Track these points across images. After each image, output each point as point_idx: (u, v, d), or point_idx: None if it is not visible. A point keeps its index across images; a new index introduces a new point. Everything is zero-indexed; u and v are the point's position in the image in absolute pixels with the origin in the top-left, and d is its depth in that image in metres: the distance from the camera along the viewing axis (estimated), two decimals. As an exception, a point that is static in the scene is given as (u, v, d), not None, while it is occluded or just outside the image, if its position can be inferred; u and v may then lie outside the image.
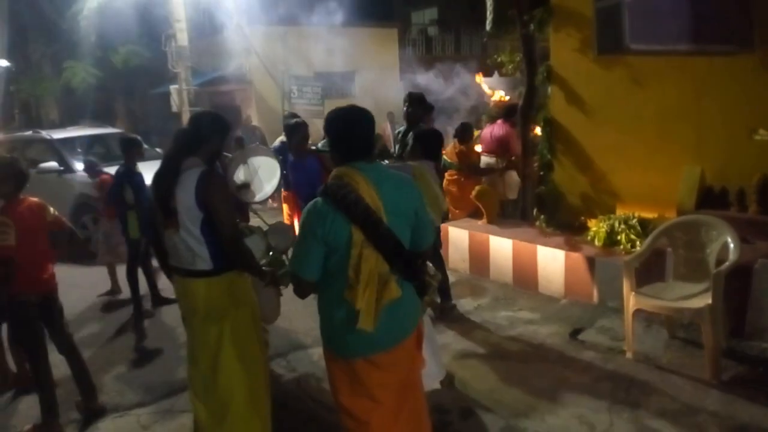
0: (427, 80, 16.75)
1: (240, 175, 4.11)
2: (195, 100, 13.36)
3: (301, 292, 2.36)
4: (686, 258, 4.23)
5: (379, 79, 17.33)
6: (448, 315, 5.00)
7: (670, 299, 3.98)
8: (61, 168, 8.43)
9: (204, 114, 3.17)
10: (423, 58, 19.69)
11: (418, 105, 5.17)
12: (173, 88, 13.08)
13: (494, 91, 10.24)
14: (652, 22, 3.71)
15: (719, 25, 4.07)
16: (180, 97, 12.94)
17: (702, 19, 3.92)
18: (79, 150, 9.00)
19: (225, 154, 3.96)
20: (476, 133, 7.90)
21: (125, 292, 5.93)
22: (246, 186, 4.09)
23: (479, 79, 11.13)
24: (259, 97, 15.83)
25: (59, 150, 8.76)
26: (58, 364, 3.82)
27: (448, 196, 6.52)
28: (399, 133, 5.51)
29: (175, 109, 13.19)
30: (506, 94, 9.92)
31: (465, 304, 5.37)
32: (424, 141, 4.09)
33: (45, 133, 9.52)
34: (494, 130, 7.04)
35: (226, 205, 2.87)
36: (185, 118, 12.78)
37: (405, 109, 5.20)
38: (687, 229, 4.24)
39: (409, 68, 18.44)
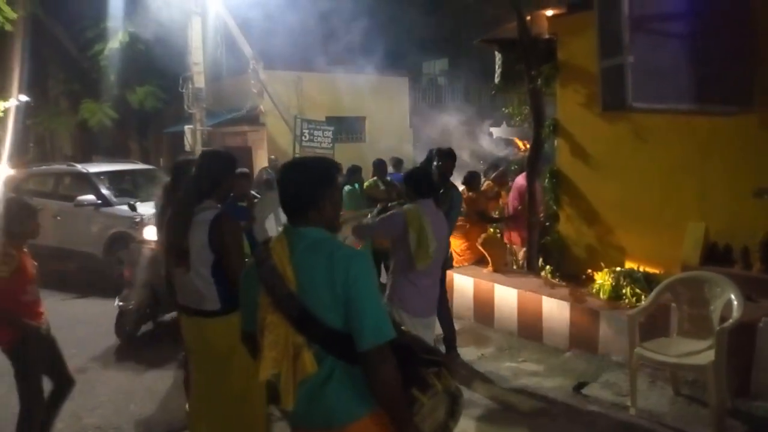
0: (438, 129, 17.06)
1: (272, 224, 4.21)
2: (208, 140, 13.62)
3: (243, 341, 2.25)
4: (690, 314, 4.24)
5: (389, 126, 17.65)
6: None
7: (674, 355, 3.97)
8: (99, 201, 8.48)
9: (212, 156, 3.23)
10: (433, 106, 20.07)
11: (447, 159, 5.28)
12: (188, 128, 13.35)
13: (524, 142, 10.36)
14: (654, 82, 3.81)
15: (720, 86, 4.17)
16: (194, 137, 13.19)
17: (703, 80, 4.02)
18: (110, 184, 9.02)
19: (254, 193, 4.04)
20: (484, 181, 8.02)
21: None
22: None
23: (495, 130, 11.26)
24: (271, 140, 16.11)
25: (95, 183, 8.78)
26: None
27: (455, 242, 6.58)
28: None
29: (188, 148, 13.43)
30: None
31: (469, 353, 5.36)
32: (410, 182, 3.98)
33: (80, 167, 9.56)
34: (518, 180, 7.09)
35: (237, 248, 2.94)
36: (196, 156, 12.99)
37: (435, 163, 5.31)
38: (691, 285, 4.26)
39: (419, 116, 18.80)
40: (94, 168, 9.54)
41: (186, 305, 3.04)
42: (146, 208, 7.26)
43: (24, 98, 23.27)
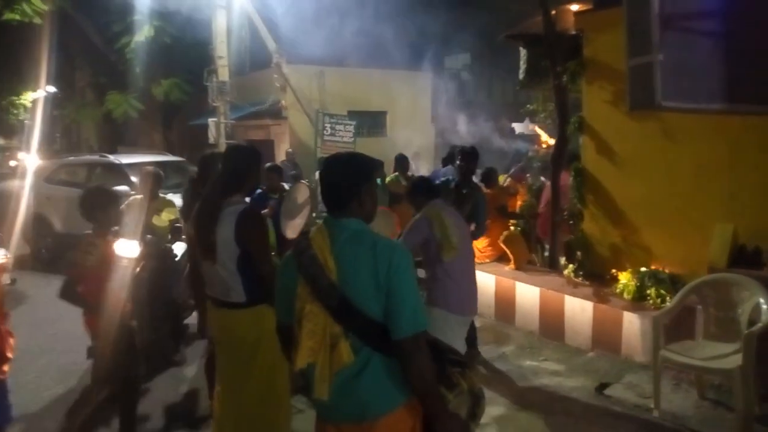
0: (460, 124, 16.98)
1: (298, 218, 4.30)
2: (231, 133, 13.75)
3: (277, 332, 2.28)
4: (717, 317, 4.17)
5: (411, 121, 17.61)
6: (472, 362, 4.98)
7: (700, 358, 3.92)
8: (132, 192, 8.60)
9: (238, 151, 3.27)
10: (455, 101, 19.98)
11: (470, 158, 5.29)
12: (212, 121, 13.48)
13: (549, 136, 10.27)
14: (684, 81, 3.74)
15: (753, 85, 4.08)
16: (218, 130, 13.33)
17: (735, 79, 3.93)
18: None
19: (283, 185, 4.12)
20: (501, 177, 7.98)
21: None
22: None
23: (517, 126, 11.13)
24: (293, 133, 16.19)
25: (128, 175, 8.83)
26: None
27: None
28: (445, 182, 5.59)
29: (212, 141, 13.57)
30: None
31: (489, 350, 5.34)
32: (414, 193, 4.17)
33: (113, 158, 9.71)
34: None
35: (263, 242, 2.99)
36: (222, 149, 13.13)
37: (458, 162, 5.32)
38: (718, 288, 4.20)
39: (441, 111, 18.74)
40: (125, 159, 9.65)
41: (213, 297, 3.11)
42: (176, 199, 7.35)
43: (52, 89, 23.73)
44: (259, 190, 5.11)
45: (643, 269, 5.37)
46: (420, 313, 2.02)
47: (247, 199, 3.19)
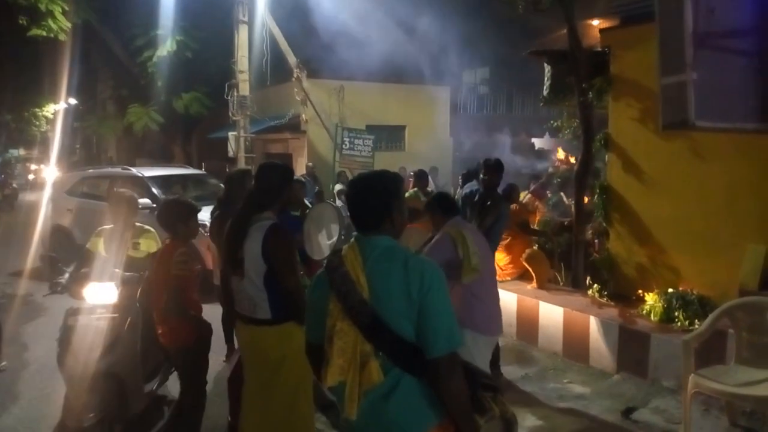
0: (478, 138, 16.93)
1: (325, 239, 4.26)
2: (251, 146, 13.82)
3: (306, 353, 2.23)
4: (750, 341, 4.05)
5: (429, 135, 17.59)
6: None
7: (733, 384, 3.79)
8: (154, 205, 8.47)
9: (272, 169, 3.25)
10: (474, 115, 19.94)
11: (494, 171, 5.24)
12: (231, 134, 13.57)
13: (567, 154, 10.16)
14: (718, 100, 3.67)
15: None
16: (237, 144, 13.41)
17: (770, 99, 3.86)
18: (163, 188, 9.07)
19: (306, 202, 4.11)
20: (522, 195, 7.89)
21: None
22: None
23: (537, 141, 11.07)
24: (312, 147, 16.24)
25: (150, 187, 8.84)
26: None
27: (498, 256, 6.47)
28: (469, 194, 5.53)
29: (231, 154, 13.65)
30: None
31: (511, 371, 5.24)
32: (435, 207, 4.08)
33: (135, 170, 9.72)
34: None
35: (290, 259, 2.99)
36: (241, 163, 13.18)
37: (481, 176, 5.27)
38: (751, 311, 4.08)
39: (460, 125, 18.70)
40: (148, 172, 9.66)
41: (241, 313, 3.11)
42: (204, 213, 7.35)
43: (73, 101, 24.08)
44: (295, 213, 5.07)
45: (670, 290, 5.27)
46: (456, 330, 1.98)
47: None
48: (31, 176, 29.10)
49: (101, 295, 3.70)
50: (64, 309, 4.01)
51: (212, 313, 4.32)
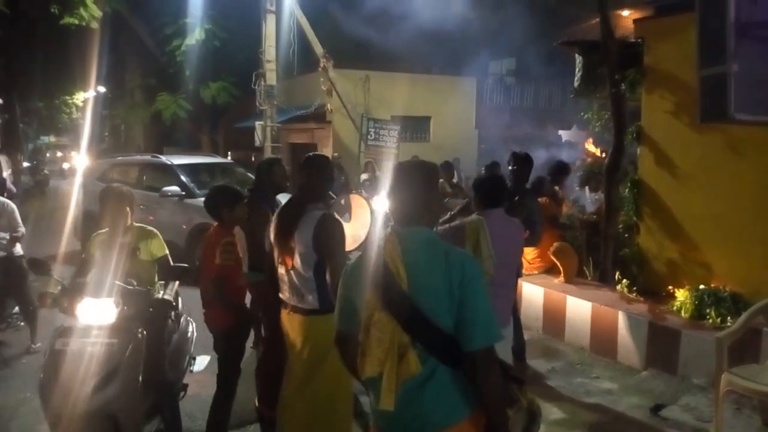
0: (504, 130, 16.77)
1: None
2: (277, 136, 13.90)
3: (336, 342, 2.23)
4: (786, 340, 3.97)
5: (455, 126, 17.50)
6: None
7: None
8: (183, 193, 8.64)
9: (322, 160, 3.29)
10: (500, 107, 19.74)
11: (523, 164, 5.20)
12: (258, 124, 13.65)
13: (597, 148, 10.00)
14: (759, 93, 3.56)
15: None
16: (264, 133, 13.48)
17: (813, 91, 3.74)
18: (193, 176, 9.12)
19: (331, 194, 4.14)
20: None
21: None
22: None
23: (564, 133, 10.94)
24: (336, 137, 16.27)
25: (179, 175, 8.92)
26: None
27: (525, 249, 6.41)
28: None
29: (258, 143, 13.74)
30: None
31: (538, 365, 5.21)
32: (480, 191, 3.80)
33: (165, 158, 9.85)
34: None
35: (340, 249, 3.01)
36: (267, 152, 13.26)
37: (510, 168, 5.23)
38: (788, 310, 3.99)
39: (485, 116, 18.55)
40: (177, 160, 9.75)
41: (287, 302, 3.14)
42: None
43: (102, 89, 24.44)
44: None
45: (702, 287, 5.17)
46: (494, 325, 1.98)
47: None
48: (66, 165, 29.52)
49: (96, 313, 3.07)
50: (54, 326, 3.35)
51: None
